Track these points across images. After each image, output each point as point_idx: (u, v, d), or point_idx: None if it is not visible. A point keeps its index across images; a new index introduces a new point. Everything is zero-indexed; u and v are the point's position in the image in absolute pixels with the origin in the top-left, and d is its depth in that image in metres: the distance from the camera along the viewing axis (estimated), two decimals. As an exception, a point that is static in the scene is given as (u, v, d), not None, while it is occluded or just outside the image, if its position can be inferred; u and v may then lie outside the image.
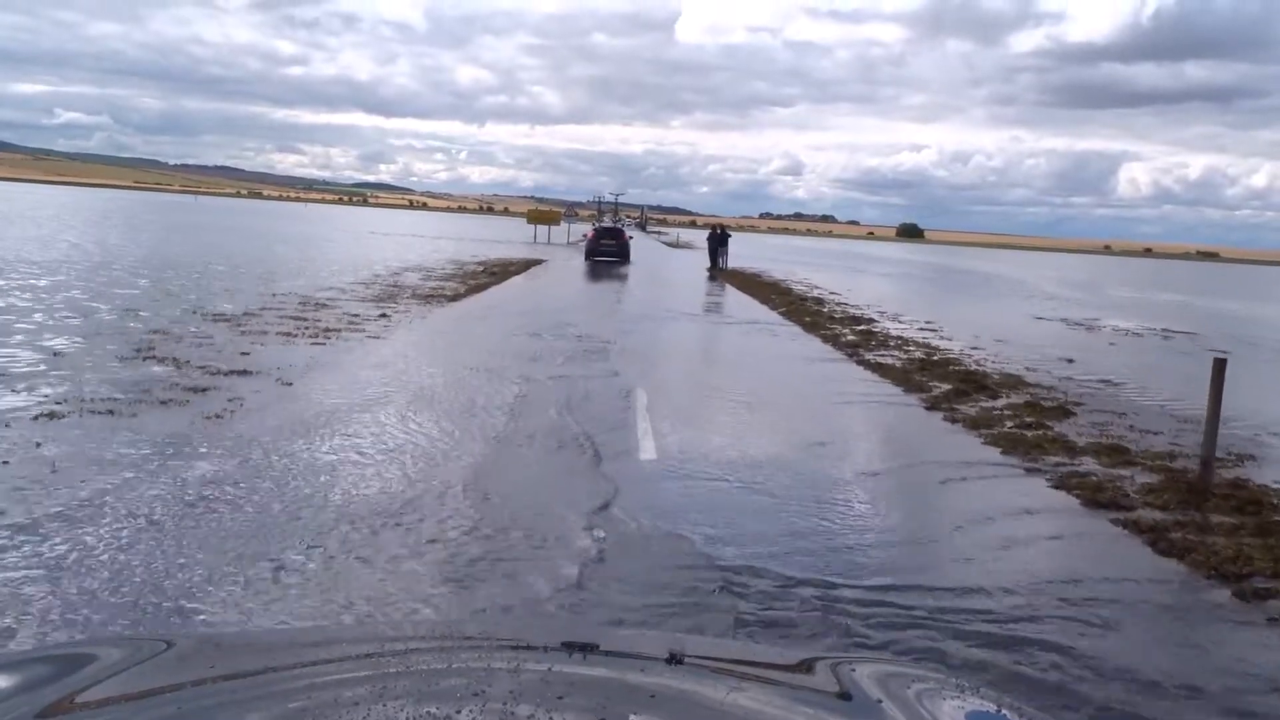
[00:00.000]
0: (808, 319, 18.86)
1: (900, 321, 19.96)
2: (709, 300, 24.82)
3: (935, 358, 13.94)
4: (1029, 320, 23.64)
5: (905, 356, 13.94)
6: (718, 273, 36.04)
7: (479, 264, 32.21)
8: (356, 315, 14.98)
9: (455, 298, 19.28)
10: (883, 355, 13.97)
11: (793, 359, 13.33)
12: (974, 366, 13.26)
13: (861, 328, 17.65)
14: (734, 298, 24.85)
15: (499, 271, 28.49)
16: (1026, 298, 35.34)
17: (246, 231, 51.52)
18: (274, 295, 17.27)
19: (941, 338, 17.18)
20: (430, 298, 18.67)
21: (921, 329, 18.51)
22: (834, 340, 15.52)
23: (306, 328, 13.14)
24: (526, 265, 33.04)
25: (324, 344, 11.78)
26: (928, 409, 9.99)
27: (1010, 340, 17.38)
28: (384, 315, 15.18)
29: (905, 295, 31.74)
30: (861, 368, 12.73)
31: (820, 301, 23.74)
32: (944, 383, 11.62)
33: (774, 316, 19.73)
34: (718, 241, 37.70)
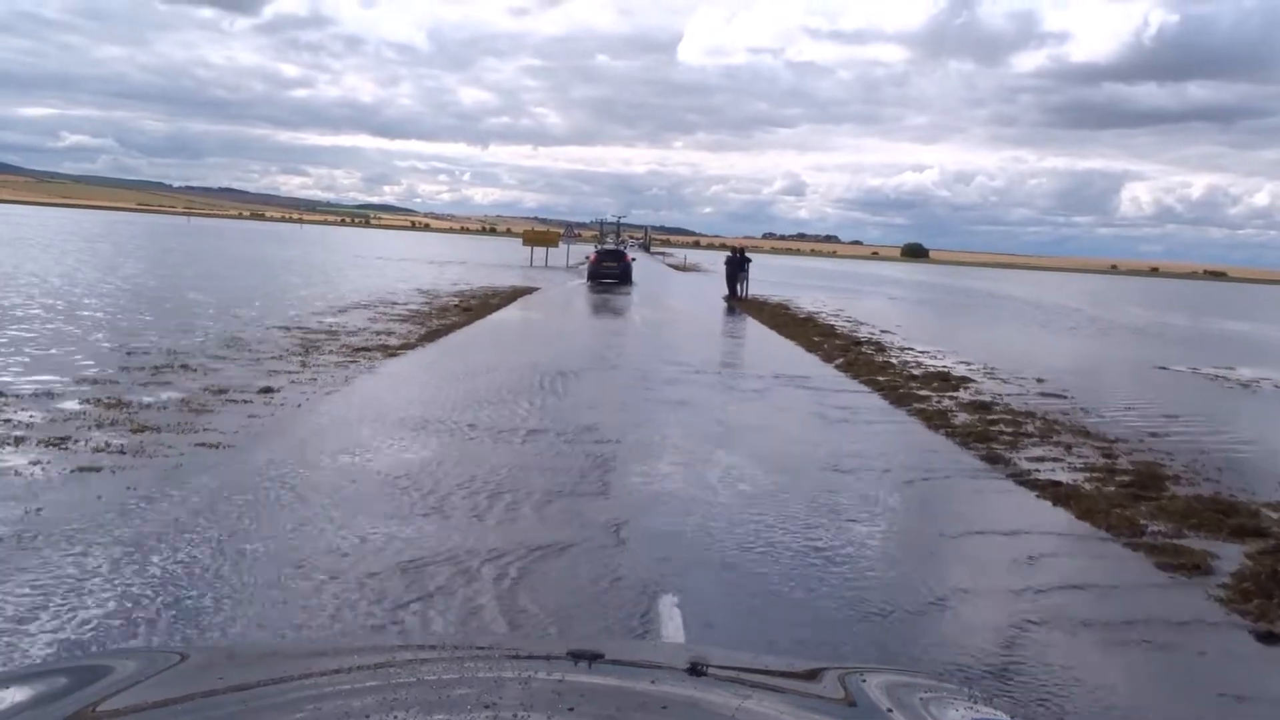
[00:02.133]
0: (882, 379, 13.69)
1: (1000, 378, 14.79)
2: (738, 345, 19.68)
3: (1122, 463, 8.80)
4: (1151, 370, 18.44)
5: (1080, 461, 8.78)
6: (737, 303, 30.96)
7: (456, 295, 27.15)
8: (224, 390, 9.87)
9: (401, 348, 14.18)
10: (1041, 458, 8.82)
11: (903, 469, 8.15)
12: (1203, 485, 8.09)
13: (967, 397, 12.49)
14: (768, 340, 19.70)
15: (476, 306, 23.39)
16: (1104, 332, 30.19)
17: (215, 255, 46.52)
18: (130, 354, 12.17)
19: (1081, 409, 12.03)
20: (362, 351, 13.55)
21: (1043, 393, 13.33)
22: (943, 424, 10.35)
23: (113, 421, 8.05)
24: (513, 295, 27.98)
25: (97, 469, 6.64)
26: (1263, 641, 4.83)
27: (1182, 414, 12.24)
28: (268, 390, 10.05)
29: (968, 333, 26.50)
30: (1031, 493, 7.55)
31: (879, 347, 18.58)
32: (1202, 531, 6.52)
33: (831, 373, 14.59)
34: (737, 266, 32.56)
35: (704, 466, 7.82)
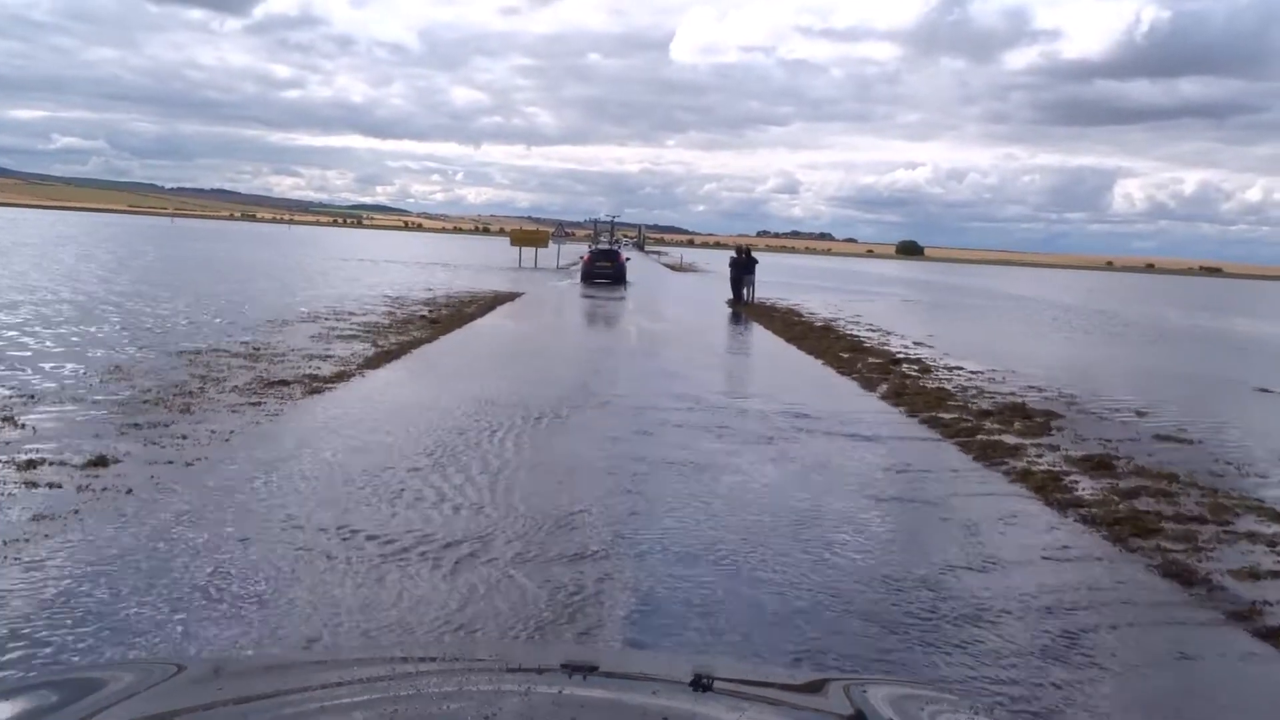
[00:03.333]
0: (946, 417, 10.66)
1: (1090, 410, 11.77)
2: (754, 366, 16.62)
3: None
4: (1253, 394, 15.39)
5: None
6: (743, 309, 27.92)
7: (428, 302, 24.09)
8: (35, 464, 6.79)
9: (333, 379, 11.12)
10: (1250, 570, 5.75)
11: (1050, 605, 5.12)
12: None
13: (1071, 447, 9.44)
14: (787, 358, 16.64)
15: (447, 316, 20.32)
16: (1157, 339, 27.19)
17: (178, 259, 43.41)
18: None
19: (1228, 464, 9.01)
20: (277, 385, 10.47)
21: (1160, 436, 10.28)
22: (1067, 498, 7.30)
23: None
24: (493, 303, 24.93)
25: None
26: None
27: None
28: (99, 462, 6.95)
29: (1012, 343, 23.41)
30: (1295, 664, 4.53)
31: (923, 366, 15.49)
32: None
33: (877, 406, 11.55)
34: (742, 268, 29.48)
35: (739, 618, 4.73)
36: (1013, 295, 55.31)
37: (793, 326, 22.03)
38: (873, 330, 22.57)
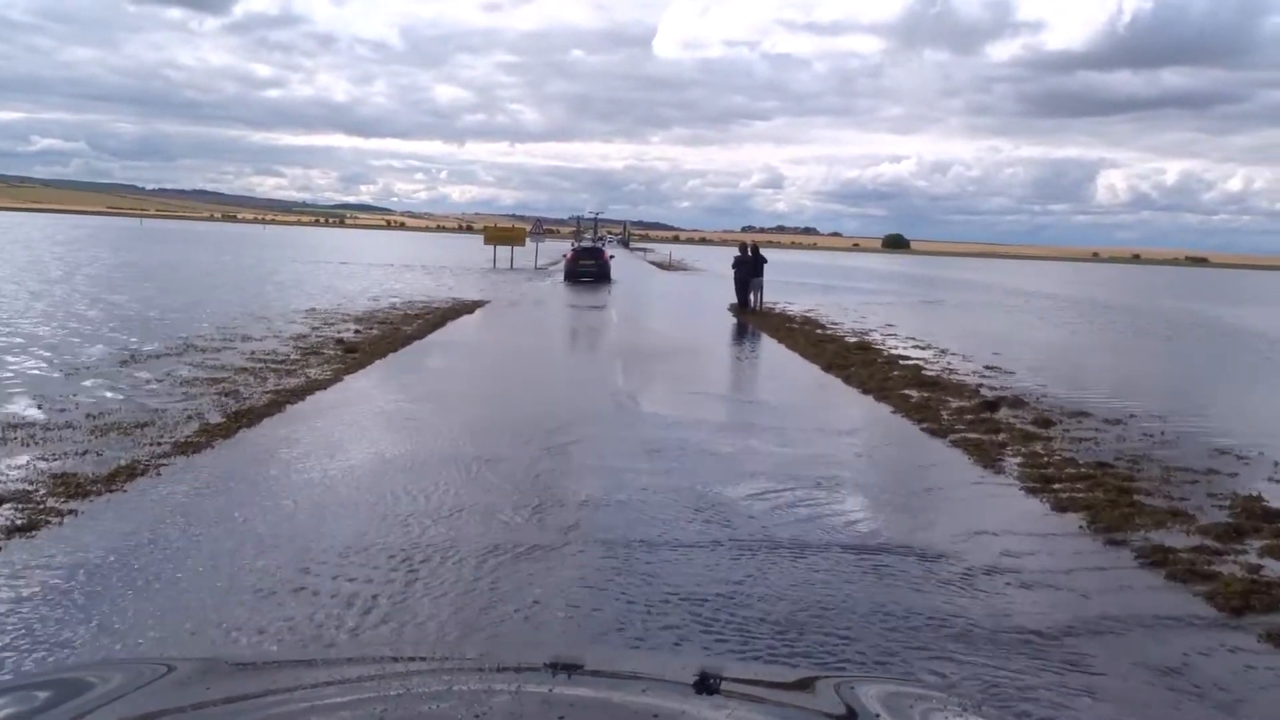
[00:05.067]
0: (1183, 552, 5.97)
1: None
2: (794, 421, 11.73)
3: None
4: None
5: None
6: (751, 318, 23.20)
7: (361, 318, 19.27)
8: None
9: (89, 487, 6.40)
10: None
11: None
12: None
13: None
14: (838, 403, 11.81)
15: (374, 341, 15.51)
16: (1262, 356, 22.76)
17: (113, 266, 38.43)
18: None
19: None
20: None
21: None
22: None
23: None
24: (444, 317, 20.13)
25: None
26: None
27: None
28: None
29: (1096, 359, 18.73)
30: None
31: (1038, 416, 10.73)
32: None
33: (1034, 520, 6.85)
34: (750, 269, 24.70)
35: None
36: (1028, 291, 50.75)
37: (820, 344, 17.29)
38: (920, 346, 17.88)
